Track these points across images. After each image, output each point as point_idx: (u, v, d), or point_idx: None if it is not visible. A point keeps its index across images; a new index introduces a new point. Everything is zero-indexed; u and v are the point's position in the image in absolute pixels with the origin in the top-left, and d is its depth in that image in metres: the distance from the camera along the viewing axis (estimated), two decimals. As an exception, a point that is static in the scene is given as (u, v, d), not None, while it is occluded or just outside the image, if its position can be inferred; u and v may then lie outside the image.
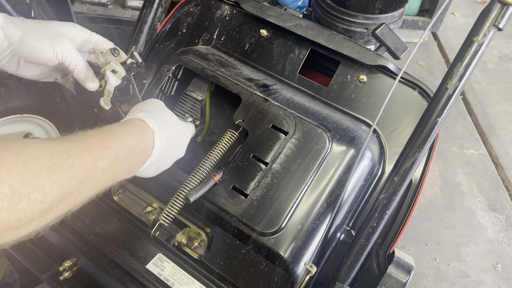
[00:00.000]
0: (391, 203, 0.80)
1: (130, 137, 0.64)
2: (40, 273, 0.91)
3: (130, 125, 0.67)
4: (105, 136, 0.59)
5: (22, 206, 0.44)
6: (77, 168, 0.52)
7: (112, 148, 0.59)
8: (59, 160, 0.49)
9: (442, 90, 0.78)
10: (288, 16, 1.00)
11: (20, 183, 0.44)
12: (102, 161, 0.56)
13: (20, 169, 0.44)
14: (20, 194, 0.43)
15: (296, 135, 0.87)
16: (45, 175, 0.47)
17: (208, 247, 0.90)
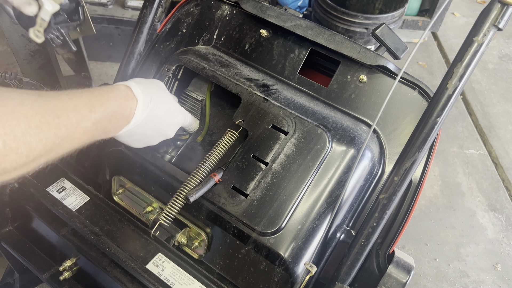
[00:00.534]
0: (391, 203, 0.80)
1: (114, 103, 0.67)
2: (40, 273, 0.91)
3: (117, 91, 0.69)
4: (92, 99, 0.63)
5: (9, 158, 0.50)
6: (61, 128, 0.57)
7: (97, 112, 0.63)
8: (47, 120, 0.54)
9: (442, 90, 0.78)
10: (288, 16, 1.00)
11: (12, 138, 0.49)
12: (86, 123, 0.61)
13: (13, 126, 0.50)
14: (10, 148, 0.49)
15: (296, 135, 0.87)
16: (33, 133, 0.52)
17: (208, 247, 0.90)
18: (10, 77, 1.00)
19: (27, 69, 1.42)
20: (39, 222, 0.94)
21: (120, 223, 0.88)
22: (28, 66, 1.42)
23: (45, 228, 0.95)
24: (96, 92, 0.65)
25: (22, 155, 0.51)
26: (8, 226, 0.98)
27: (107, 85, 0.71)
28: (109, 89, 0.68)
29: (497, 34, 3.02)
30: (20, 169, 0.53)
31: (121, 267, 0.81)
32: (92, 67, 2.34)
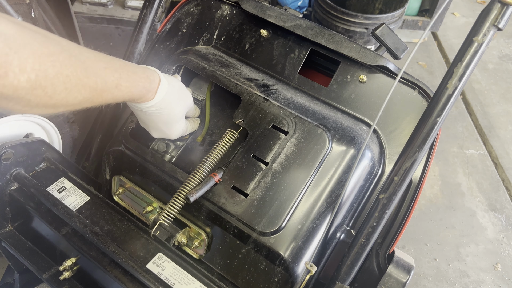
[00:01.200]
0: (391, 202, 0.80)
1: (140, 87, 0.75)
2: (40, 273, 0.91)
3: (144, 75, 0.76)
4: (122, 78, 0.69)
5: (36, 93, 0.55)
6: (86, 88, 0.62)
7: (121, 91, 0.70)
8: (78, 76, 0.60)
9: (442, 90, 0.78)
10: (288, 16, 1.00)
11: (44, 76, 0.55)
12: (108, 95, 0.68)
13: (48, 66, 0.55)
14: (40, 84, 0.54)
15: (296, 135, 0.87)
16: (62, 80, 0.58)
17: (208, 246, 0.90)
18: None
19: (27, 69, 1.42)
20: (39, 222, 0.94)
21: (120, 223, 0.88)
22: (28, 66, 1.42)
23: (45, 228, 0.95)
24: (127, 72, 0.71)
25: (46, 95, 0.56)
26: (8, 225, 0.98)
27: (136, 65, 0.78)
28: (138, 71, 0.75)
29: (497, 34, 3.02)
30: (40, 108, 0.58)
31: (121, 267, 0.81)
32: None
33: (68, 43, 0.63)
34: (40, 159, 0.97)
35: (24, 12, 1.26)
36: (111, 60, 0.70)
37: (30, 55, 0.53)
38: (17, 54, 0.51)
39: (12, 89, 0.52)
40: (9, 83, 0.51)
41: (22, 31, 0.53)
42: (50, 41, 0.57)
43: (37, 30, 0.58)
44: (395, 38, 0.98)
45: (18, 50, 0.51)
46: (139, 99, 0.78)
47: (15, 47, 0.51)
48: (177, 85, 0.87)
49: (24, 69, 0.52)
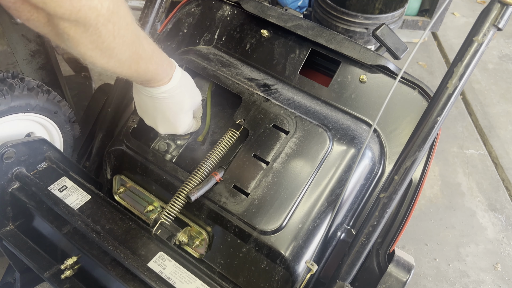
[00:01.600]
0: (391, 202, 0.80)
1: (161, 58, 0.79)
2: (41, 272, 0.91)
3: (167, 59, 0.82)
4: (155, 49, 0.76)
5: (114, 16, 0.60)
6: (136, 52, 0.69)
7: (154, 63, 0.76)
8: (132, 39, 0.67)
9: (442, 90, 0.78)
10: (288, 16, 1.01)
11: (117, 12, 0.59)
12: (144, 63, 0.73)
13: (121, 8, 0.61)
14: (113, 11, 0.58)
15: (297, 135, 0.88)
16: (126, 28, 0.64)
17: (209, 246, 0.90)
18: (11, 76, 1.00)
19: (27, 69, 1.42)
20: (41, 220, 0.95)
21: (121, 222, 0.88)
22: (28, 66, 1.42)
23: (47, 227, 0.95)
24: (158, 49, 0.77)
25: (113, 33, 0.61)
26: (9, 225, 0.98)
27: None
28: (163, 53, 0.80)
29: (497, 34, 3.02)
30: (100, 50, 0.62)
31: (123, 266, 0.81)
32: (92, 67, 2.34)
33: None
34: (42, 158, 0.97)
35: (25, 12, 1.26)
36: (147, 36, 0.75)
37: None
38: None
39: (96, 13, 0.54)
40: (94, 6, 0.54)
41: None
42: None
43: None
44: (395, 38, 0.98)
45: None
46: (159, 82, 0.81)
47: None
48: (189, 78, 0.90)
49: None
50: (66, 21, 0.55)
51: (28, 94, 0.98)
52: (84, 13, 0.54)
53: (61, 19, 0.54)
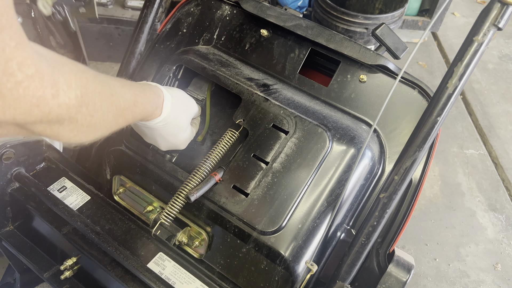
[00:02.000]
0: (391, 202, 0.80)
1: (151, 102, 0.78)
2: (41, 272, 0.91)
3: (149, 88, 0.79)
4: (136, 95, 0.72)
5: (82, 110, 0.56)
6: (113, 105, 0.63)
7: (138, 107, 0.72)
8: (105, 92, 0.61)
9: (442, 90, 0.78)
10: (288, 16, 1.01)
11: (85, 92, 0.55)
12: (128, 113, 0.69)
13: (86, 82, 0.56)
14: (84, 101, 0.55)
15: (296, 135, 0.88)
16: (97, 97, 0.58)
17: (208, 246, 0.90)
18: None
19: (28, 69, 1.42)
20: (40, 221, 0.95)
21: (121, 222, 0.88)
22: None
23: (46, 227, 0.95)
24: (138, 89, 0.74)
25: (89, 113, 0.57)
26: (9, 225, 0.98)
27: (140, 83, 0.81)
28: (146, 88, 0.77)
29: (497, 34, 3.02)
30: (85, 130, 0.58)
31: (122, 266, 0.81)
32: (92, 67, 2.33)
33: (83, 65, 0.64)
34: (41, 159, 0.97)
35: (24, 12, 1.26)
36: (121, 79, 0.71)
37: (70, 72, 0.53)
38: (60, 72, 0.51)
39: (66, 108, 0.52)
40: (62, 102, 0.51)
41: (55, 54, 0.54)
42: (72, 65, 0.58)
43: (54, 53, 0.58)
44: (395, 38, 0.98)
45: (60, 68, 0.51)
46: (150, 116, 0.79)
47: (57, 65, 0.51)
48: (180, 95, 0.89)
49: (70, 86, 0.52)
50: (39, 125, 0.53)
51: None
52: (55, 113, 0.51)
53: (33, 125, 0.52)
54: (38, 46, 0.54)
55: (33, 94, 0.46)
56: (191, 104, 0.93)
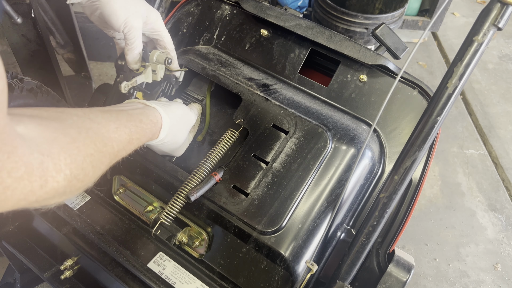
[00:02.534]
0: (391, 202, 0.80)
1: (148, 132, 0.75)
2: (41, 272, 0.91)
3: (146, 118, 0.76)
4: (131, 128, 0.69)
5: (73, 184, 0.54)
6: (107, 156, 0.62)
7: (133, 144, 0.70)
8: (99, 148, 0.59)
9: (442, 89, 0.78)
10: (288, 16, 1.01)
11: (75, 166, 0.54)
12: (123, 153, 0.68)
13: (75, 155, 0.54)
14: (74, 175, 0.53)
15: (296, 135, 0.88)
16: (89, 160, 0.57)
17: (209, 246, 0.90)
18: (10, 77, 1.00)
19: (27, 69, 1.42)
20: (40, 221, 0.95)
21: (121, 222, 0.88)
22: (28, 66, 1.42)
23: (46, 227, 0.95)
24: (134, 123, 0.71)
25: (79, 181, 0.55)
26: (9, 225, 0.98)
27: (137, 106, 0.77)
28: (143, 119, 0.74)
29: (497, 34, 3.02)
30: (74, 194, 0.57)
31: (122, 266, 0.81)
32: (92, 67, 2.34)
33: (80, 113, 0.61)
34: (41, 159, 0.97)
35: (24, 12, 1.26)
36: (118, 114, 0.69)
37: (60, 152, 0.51)
38: (49, 157, 0.49)
39: (53, 192, 0.50)
40: (50, 188, 0.49)
41: (43, 125, 0.52)
42: (66, 122, 0.56)
43: (49, 113, 0.56)
44: (395, 38, 0.98)
45: (49, 151, 0.49)
46: (149, 141, 0.79)
47: (46, 150, 0.49)
48: (178, 112, 0.87)
49: (59, 169, 0.50)
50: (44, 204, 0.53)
51: (27, 94, 0.98)
52: (41, 199, 0.49)
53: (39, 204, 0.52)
54: (36, 111, 0.52)
55: (21, 192, 0.45)
56: (189, 118, 0.92)
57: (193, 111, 0.95)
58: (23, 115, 0.51)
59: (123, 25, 0.81)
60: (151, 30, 0.88)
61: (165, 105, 0.83)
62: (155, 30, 0.88)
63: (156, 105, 0.80)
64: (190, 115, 0.93)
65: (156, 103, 0.80)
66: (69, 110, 0.60)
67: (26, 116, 0.52)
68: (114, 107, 0.72)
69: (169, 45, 0.92)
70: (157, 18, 0.87)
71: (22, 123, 0.49)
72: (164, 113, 0.80)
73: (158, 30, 0.88)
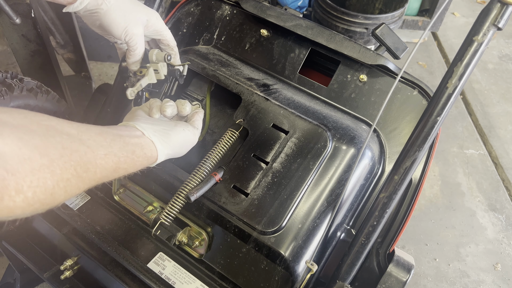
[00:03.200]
0: (391, 201, 0.80)
1: (138, 162, 0.71)
2: (41, 272, 0.91)
3: (140, 150, 0.72)
4: (120, 156, 0.66)
5: (34, 208, 0.51)
6: (86, 181, 0.59)
7: (119, 172, 0.67)
8: (78, 173, 0.56)
9: (442, 89, 0.78)
10: (288, 16, 1.01)
11: (43, 190, 0.51)
12: (106, 179, 0.65)
13: (47, 179, 0.51)
14: (38, 199, 0.50)
15: (296, 135, 0.88)
16: (62, 185, 0.54)
17: (208, 246, 0.90)
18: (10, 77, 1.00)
19: (27, 69, 1.42)
20: (40, 221, 0.95)
21: (121, 222, 0.88)
22: (28, 66, 1.42)
23: (46, 227, 0.95)
24: (126, 154, 0.67)
25: (45, 204, 0.52)
26: (9, 225, 0.98)
27: (135, 133, 0.73)
28: (136, 150, 0.71)
29: (497, 34, 3.02)
30: (33, 214, 0.54)
31: (122, 266, 0.81)
32: (92, 67, 2.34)
33: (73, 131, 0.59)
34: (41, 159, 0.97)
35: (24, 12, 1.26)
36: (112, 139, 0.66)
37: (28, 173, 0.49)
38: (14, 176, 0.47)
39: (7, 211, 0.48)
40: (3, 206, 0.47)
41: (23, 140, 0.50)
42: (51, 141, 0.54)
43: (38, 127, 0.54)
44: (395, 38, 0.98)
45: (16, 170, 0.47)
46: (134, 172, 0.75)
47: (13, 168, 0.47)
48: (180, 140, 0.82)
49: (20, 190, 0.48)
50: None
51: (27, 94, 0.98)
52: (6, 216, 0.48)
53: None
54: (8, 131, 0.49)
55: None
56: (191, 143, 0.86)
57: (195, 130, 0.87)
58: (7, 124, 0.49)
59: (123, 34, 0.81)
60: (153, 32, 0.88)
61: (165, 134, 0.78)
62: (157, 31, 0.88)
63: (154, 137, 0.76)
64: (192, 138, 0.86)
65: (155, 134, 0.76)
66: (62, 125, 0.58)
67: (10, 126, 0.50)
68: (112, 129, 0.69)
69: (171, 42, 0.91)
70: (157, 19, 0.87)
71: (2, 137, 0.47)
72: (162, 147, 0.77)
73: (159, 30, 0.88)
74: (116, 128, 0.72)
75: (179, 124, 0.84)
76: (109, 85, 1.25)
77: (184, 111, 0.88)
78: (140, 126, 0.76)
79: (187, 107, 0.88)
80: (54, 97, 1.06)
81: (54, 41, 1.76)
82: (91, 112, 1.21)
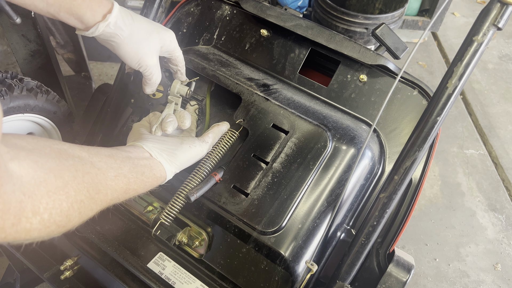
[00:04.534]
0: (391, 202, 0.80)
1: (148, 184, 0.73)
2: (41, 272, 0.91)
3: (149, 171, 0.74)
4: (131, 180, 0.68)
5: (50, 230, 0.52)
6: (98, 203, 0.61)
7: (130, 194, 0.69)
8: (91, 195, 0.58)
9: (442, 89, 0.78)
10: (288, 16, 1.01)
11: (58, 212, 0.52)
12: (117, 201, 0.67)
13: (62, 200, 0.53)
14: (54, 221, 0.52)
15: (296, 135, 0.88)
16: (76, 207, 0.55)
17: (208, 246, 0.90)
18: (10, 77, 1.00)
19: (27, 69, 1.42)
20: (40, 221, 0.94)
21: (121, 222, 0.88)
22: (28, 66, 1.42)
23: (46, 228, 0.95)
24: (135, 175, 0.69)
25: (61, 226, 0.53)
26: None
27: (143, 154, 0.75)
28: (145, 172, 0.72)
29: (497, 34, 3.02)
30: (51, 237, 0.55)
31: (122, 266, 0.81)
32: (92, 67, 2.34)
33: (84, 154, 0.60)
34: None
35: (24, 12, 1.26)
36: (122, 162, 0.68)
37: (44, 195, 0.50)
38: (31, 198, 0.48)
39: (24, 233, 0.49)
40: (21, 228, 0.48)
41: (38, 163, 0.51)
42: (65, 164, 0.55)
43: (51, 150, 0.55)
44: (395, 38, 0.98)
45: (32, 193, 0.48)
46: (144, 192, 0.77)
47: (29, 191, 0.48)
48: (188, 157, 0.83)
49: (37, 212, 0.49)
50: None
51: (27, 94, 0.98)
52: (11, 238, 0.48)
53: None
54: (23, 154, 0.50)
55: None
56: (198, 158, 0.87)
57: (204, 144, 0.87)
58: (22, 148, 0.51)
59: (137, 65, 0.81)
60: (165, 53, 0.87)
61: (171, 154, 0.80)
62: (169, 52, 0.88)
63: (161, 157, 0.77)
64: (200, 153, 0.87)
65: (161, 155, 0.78)
66: (74, 148, 0.59)
67: (25, 150, 0.51)
68: (121, 152, 0.70)
69: (180, 62, 0.91)
70: (171, 40, 0.86)
71: (16, 159, 0.48)
72: (169, 166, 0.78)
73: (172, 52, 0.88)
74: (124, 149, 0.73)
75: (185, 141, 0.85)
76: (109, 85, 1.25)
77: (183, 126, 0.88)
78: (147, 147, 0.77)
79: (187, 122, 0.88)
80: (54, 97, 1.06)
81: (54, 41, 1.76)
82: (91, 112, 1.21)
